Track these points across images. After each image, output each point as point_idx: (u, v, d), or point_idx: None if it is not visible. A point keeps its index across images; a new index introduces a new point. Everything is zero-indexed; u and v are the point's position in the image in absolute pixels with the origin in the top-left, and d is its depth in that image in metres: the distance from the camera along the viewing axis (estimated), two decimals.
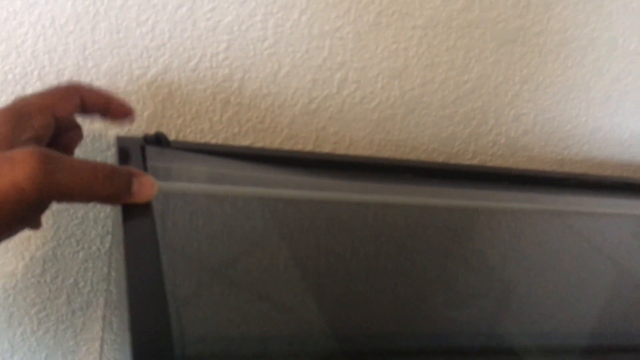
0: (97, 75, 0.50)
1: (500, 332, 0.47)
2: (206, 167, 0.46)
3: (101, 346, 0.60)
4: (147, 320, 0.26)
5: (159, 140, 0.44)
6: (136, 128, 0.52)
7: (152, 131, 0.52)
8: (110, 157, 0.53)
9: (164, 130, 0.53)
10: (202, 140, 0.55)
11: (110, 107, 0.40)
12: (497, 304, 0.50)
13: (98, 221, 0.55)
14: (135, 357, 0.24)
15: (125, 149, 0.42)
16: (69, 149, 0.41)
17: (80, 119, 0.42)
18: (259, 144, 0.57)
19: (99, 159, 0.53)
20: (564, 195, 0.59)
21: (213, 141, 0.55)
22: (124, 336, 0.27)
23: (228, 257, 0.46)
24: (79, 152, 0.52)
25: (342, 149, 0.60)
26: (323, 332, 0.43)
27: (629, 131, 0.69)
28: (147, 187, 0.34)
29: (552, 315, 0.51)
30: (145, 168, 0.40)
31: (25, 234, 0.54)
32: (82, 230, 0.55)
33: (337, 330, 0.43)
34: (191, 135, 0.54)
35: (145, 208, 0.34)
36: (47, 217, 0.54)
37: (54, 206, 0.54)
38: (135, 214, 0.34)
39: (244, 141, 0.56)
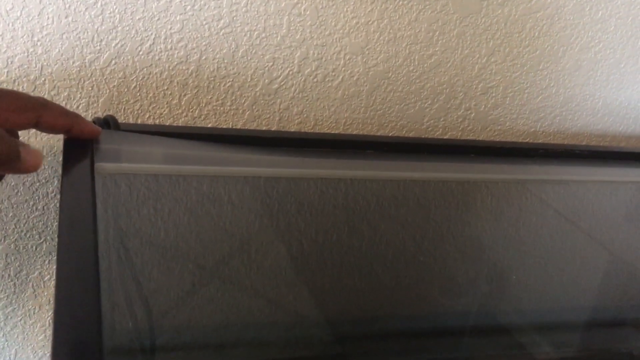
0: (47, 61, 0.49)
1: (490, 311, 0.47)
2: (159, 149, 0.45)
3: None
4: (72, 310, 0.25)
5: (107, 123, 0.43)
6: (92, 115, 0.51)
7: None
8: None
9: (120, 116, 0.52)
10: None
11: (71, 131, 0.39)
12: (476, 278, 0.49)
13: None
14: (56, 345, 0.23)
15: None
16: None
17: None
18: (221, 127, 0.56)
19: (56, 146, 0.52)
20: (538, 166, 0.58)
21: (171, 125, 0.54)
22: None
23: (189, 239, 0.46)
24: (32, 141, 0.51)
25: (307, 129, 0.59)
26: (313, 317, 0.42)
27: (601, 100, 0.68)
28: (34, 156, 0.34)
29: (535, 290, 0.50)
30: (92, 150, 0.39)
31: None
32: (44, 222, 0.54)
33: (326, 315, 0.42)
34: (150, 120, 0.53)
35: (84, 192, 0.33)
36: (6, 210, 0.53)
37: (13, 198, 0.53)
38: (73, 195, 0.33)
39: (206, 124, 0.55)
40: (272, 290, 0.44)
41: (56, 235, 0.55)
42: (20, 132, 0.43)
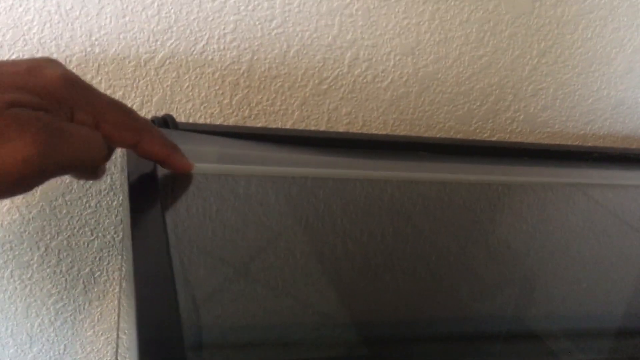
0: (104, 61, 0.49)
1: (522, 316, 0.46)
2: (216, 148, 0.45)
3: (117, 336, 0.60)
4: (154, 314, 0.25)
5: (166, 122, 0.43)
6: (145, 113, 0.52)
7: None
8: None
9: (174, 114, 0.53)
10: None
11: (165, 162, 0.38)
12: (522, 285, 0.48)
13: (111, 209, 0.55)
14: (141, 348, 0.23)
15: None
16: None
17: None
18: (271, 127, 0.56)
19: None
20: (587, 169, 0.57)
21: (224, 124, 0.54)
22: (132, 329, 0.26)
23: (241, 239, 0.46)
24: None
25: (355, 130, 0.58)
26: (341, 318, 0.42)
27: None
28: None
29: (577, 296, 0.49)
30: None
31: (39, 223, 0.54)
32: (96, 219, 0.55)
33: (354, 316, 0.42)
34: (201, 119, 0.54)
35: (152, 194, 0.34)
36: (60, 207, 0.54)
37: (67, 195, 0.53)
38: (142, 200, 0.33)
39: (255, 124, 0.55)
40: (316, 291, 0.44)
41: (107, 232, 0.56)
42: None
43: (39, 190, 0.53)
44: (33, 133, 0.27)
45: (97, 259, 0.57)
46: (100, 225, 0.55)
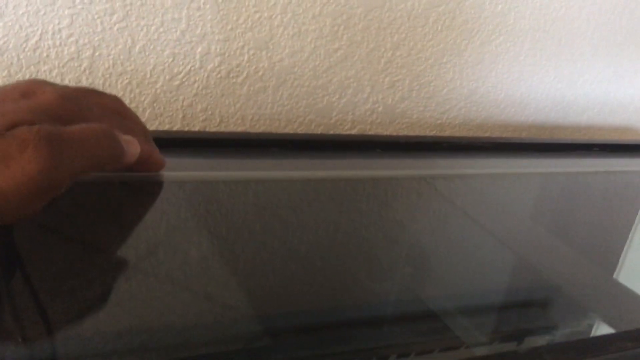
0: None
1: (403, 298, 0.47)
2: None
3: None
4: None
5: None
6: None
7: None
8: None
9: None
10: None
11: (146, 161, 0.38)
12: (402, 270, 0.49)
13: None
14: None
15: None
16: None
17: None
18: None
19: None
20: (442, 159, 0.59)
21: None
22: None
23: (130, 240, 0.43)
24: None
25: (212, 127, 0.57)
26: (244, 313, 0.41)
27: (503, 92, 0.70)
28: (133, 145, 0.34)
29: (446, 280, 0.51)
30: None
31: None
32: None
33: (258, 310, 0.41)
34: None
35: None
36: None
37: None
38: None
39: None
40: (215, 289, 0.43)
41: None
42: None
43: None
44: (33, 147, 0.27)
45: None
46: None
